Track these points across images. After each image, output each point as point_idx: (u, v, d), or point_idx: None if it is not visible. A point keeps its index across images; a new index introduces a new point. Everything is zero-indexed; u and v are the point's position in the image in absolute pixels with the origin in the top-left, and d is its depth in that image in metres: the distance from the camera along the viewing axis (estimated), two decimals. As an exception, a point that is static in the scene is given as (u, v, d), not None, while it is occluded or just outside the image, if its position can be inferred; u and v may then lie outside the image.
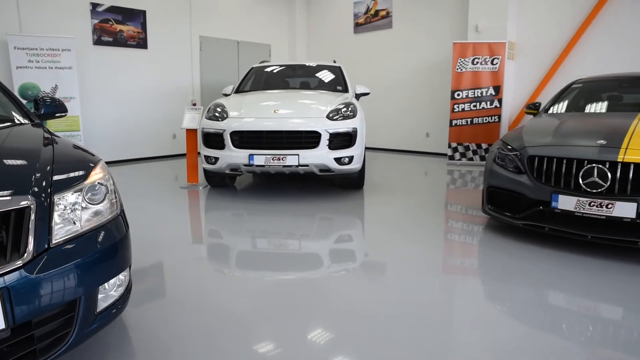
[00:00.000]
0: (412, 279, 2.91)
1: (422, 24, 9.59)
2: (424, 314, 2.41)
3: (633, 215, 3.02)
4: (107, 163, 8.14)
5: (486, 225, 4.15)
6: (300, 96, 5.60)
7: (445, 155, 8.98)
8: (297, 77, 6.74)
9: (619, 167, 3.10)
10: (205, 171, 5.44)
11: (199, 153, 5.60)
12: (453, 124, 8.25)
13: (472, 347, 2.10)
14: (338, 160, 4.87)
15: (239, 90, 6.30)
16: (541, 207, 3.39)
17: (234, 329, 2.25)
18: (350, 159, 4.95)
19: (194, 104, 9.53)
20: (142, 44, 8.64)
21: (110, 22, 8.18)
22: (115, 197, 1.96)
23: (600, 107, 4.88)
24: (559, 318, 2.39)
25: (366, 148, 5.71)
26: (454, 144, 8.31)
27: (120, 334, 2.21)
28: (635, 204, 3.01)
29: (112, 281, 1.85)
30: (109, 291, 1.85)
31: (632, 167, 3.06)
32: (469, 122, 8.17)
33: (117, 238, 1.86)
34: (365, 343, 2.11)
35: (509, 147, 3.80)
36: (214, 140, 5.04)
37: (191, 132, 5.90)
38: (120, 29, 8.32)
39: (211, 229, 4.08)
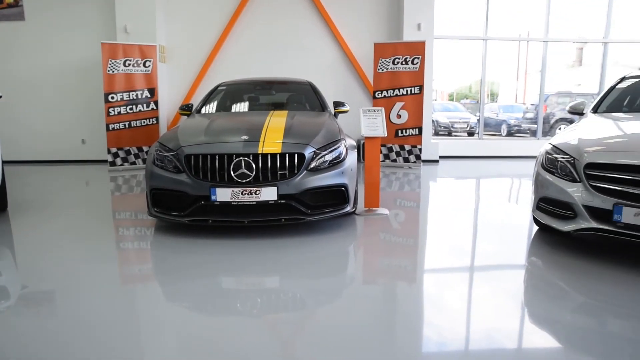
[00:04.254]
0: (86, 300, 2.67)
1: (65, 19, 8.76)
2: (110, 333, 2.27)
3: (275, 197, 3.61)
4: None
5: (155, 227, 4.18)
6: None
7: (106, 161, 8.48)
8: None
9: (260, 158, 3.63)
10: None
11: None
12: (110, 129, 7.90)
13: (161, 347, 2.12)
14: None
15: None
16: (203, 202, 3.64)
17: None
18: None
19: None
20: None
21: None
22: None
23: (243, 107, 5.58)
24: (234, 299, 2.67)
25: (4, 162, 4.88)
26: (113, 149, 7.98)
27: None
28: (275, 188, 3.59)
29: None
30: None
31: (269, 157, 3.64)
32: (127, 126, 7.99)
33: None
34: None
35: (167, 147, 3.92)
36: None
37: None
38: None
39: None
